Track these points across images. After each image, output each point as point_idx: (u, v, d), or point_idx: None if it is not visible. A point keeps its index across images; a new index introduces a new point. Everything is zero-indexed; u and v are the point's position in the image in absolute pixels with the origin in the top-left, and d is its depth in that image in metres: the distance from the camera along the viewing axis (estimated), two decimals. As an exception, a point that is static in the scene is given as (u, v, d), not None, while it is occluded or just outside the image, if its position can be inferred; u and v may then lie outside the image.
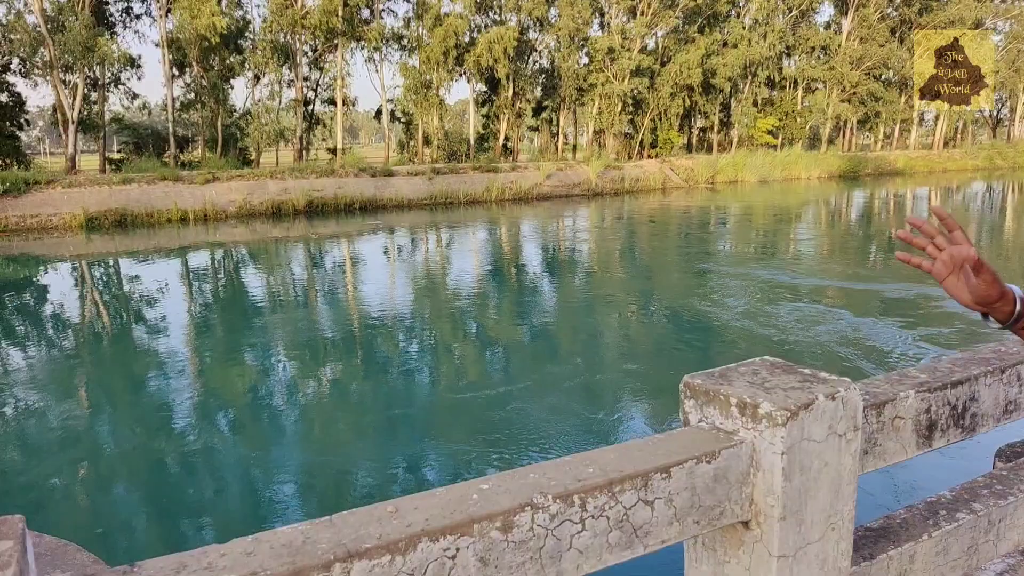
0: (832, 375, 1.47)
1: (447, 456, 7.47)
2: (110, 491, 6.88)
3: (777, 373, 1.51)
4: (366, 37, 41.25)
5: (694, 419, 1.47)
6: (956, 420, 1.75)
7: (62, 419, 8.45)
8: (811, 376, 1.49)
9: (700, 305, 13.54)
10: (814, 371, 1.50)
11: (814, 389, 1.41)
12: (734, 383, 1.46)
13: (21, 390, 9.48)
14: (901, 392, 1.63)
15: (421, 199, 33.64)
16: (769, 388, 1.43)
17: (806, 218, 29.88)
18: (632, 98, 47.57)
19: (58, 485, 6.88)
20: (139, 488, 6.94)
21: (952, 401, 1.74)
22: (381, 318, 13.30)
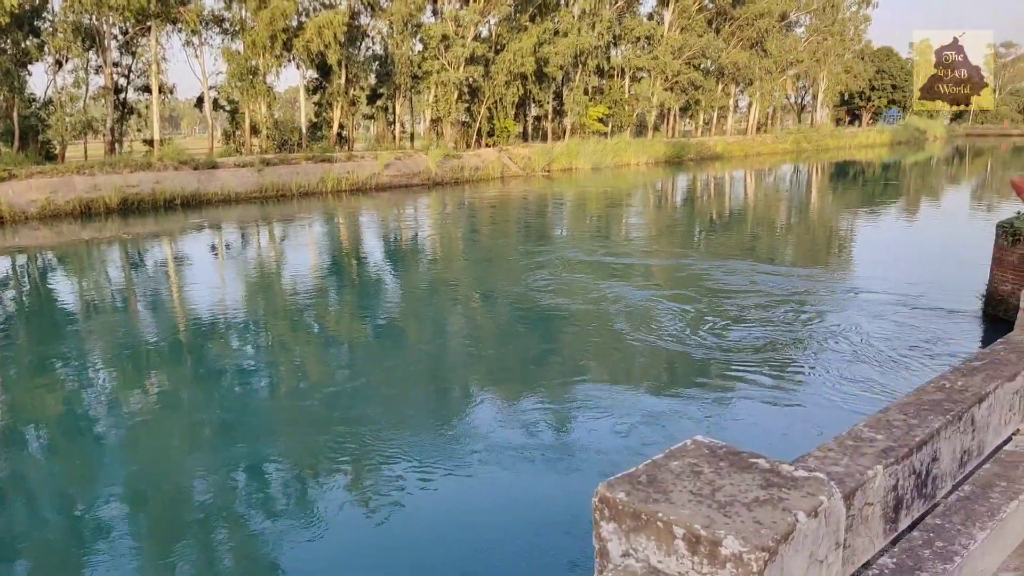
0: (799, 469, 1.10)
1: (287, 462, 6.86)
2: None
3: (725, 470, 1.12)
4: (183, 19, 38.29)
5: (616, 552, 1.03)
6: (920, 490, 1.45)
7: None
8: (772, 472, 1.11)
9: (537, 289, 13.48)
10: (771, 462, 1.12)
11: (788, 502, 1.02)
12: (672, 496, 1.04)
13: None
14: (868, 471, 1.29)
15: (250, 192, 31.70)
16: (725, 503, 1.03)
17: (636, 202, 30.87)
18: (468, 86, 47.30)
19: None
20: None
21: (917, 468, 1.44)
22: (210, 321, 12.22)
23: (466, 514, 6.08)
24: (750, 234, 21.64)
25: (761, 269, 15.17)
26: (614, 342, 10.48)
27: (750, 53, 62.14)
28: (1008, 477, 2.11)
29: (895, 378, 8.69)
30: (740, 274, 14.58)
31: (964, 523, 1.87)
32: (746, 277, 14.30)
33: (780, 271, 15.21)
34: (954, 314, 11.47)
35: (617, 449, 7.09)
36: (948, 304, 11.96)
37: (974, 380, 1.74)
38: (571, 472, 6.74)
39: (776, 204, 30.21)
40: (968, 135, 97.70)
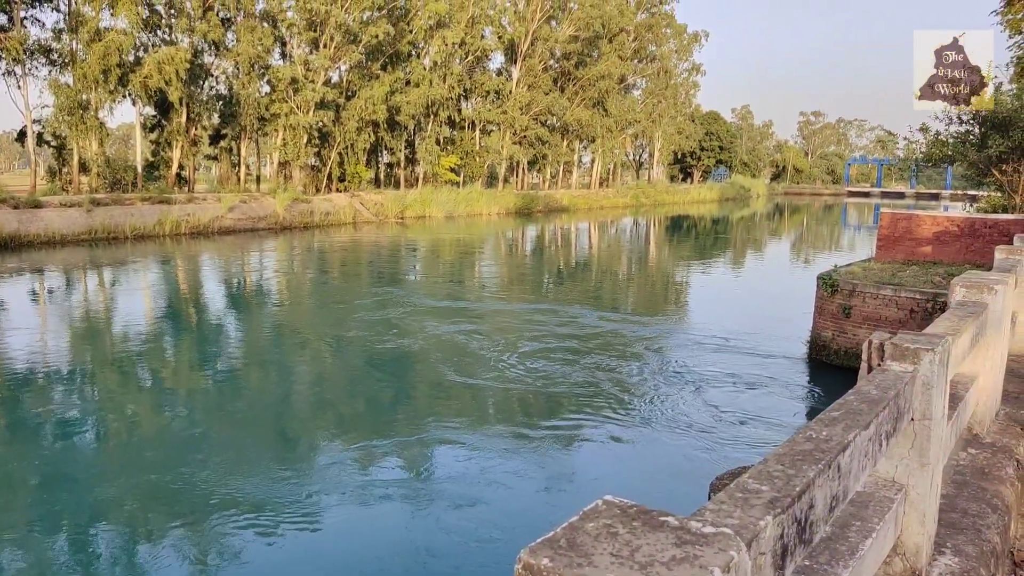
0: (706, 525, 1.16)
1: (113, 515, 6.33)
2: None
3: (640, 530, 1.16)
4: (3, 47, 35.48)
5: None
6: (801, 536, 1.55)
7: None
8: (683, 529, 1.16)
9: (384, 334, 13.33)
10: (680, 519, 1.18)
11: (703, 559, 1.07)
12: (595, 559, 1.07)
13: None
14: (760, 522, 1.37)
15: (78, 234, 29.46)
16: (645, 564, 1.07)
17: (488, 250, 31.41)
18: (318, 130, 46.69)
19: None
20: None
21: (798, 516, 1.54)
22: (27, 371, 11.13)
23: (309, 557, 5.84)
24: (595, 283, 22.52)
25: (605, 316, 15.81)
26: (458, 386, 10.54)
27: (592, 112, 65.40)
28: (861, 516, 2.30)
29: (736, 417, 9.25)
30: (585, 320, 15.12)
31: (829, 563, 2.03)
32: (590, 323, 14.84)
33: (622, 318, 15.91)
34: (782, 358, 12.42)
35: (461, 481, 7.09)
36: (776, 349, 12.94)
37: (836, 430, 1.90)
38: (417, 506, 6.70)
39: (619, 255, 31.67)
40: (786, 193, 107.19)
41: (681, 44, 76.26)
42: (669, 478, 7.55)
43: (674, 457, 8.08)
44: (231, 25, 44.35)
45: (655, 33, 72.66)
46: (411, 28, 50.95)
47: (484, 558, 6.13)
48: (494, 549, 6.25)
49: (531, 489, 7.48)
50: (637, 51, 72.38)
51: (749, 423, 9.11)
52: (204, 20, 41.59)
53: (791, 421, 9.16)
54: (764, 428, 8.94)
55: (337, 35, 45.24)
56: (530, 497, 7.32)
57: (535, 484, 7.57)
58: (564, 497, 7.25)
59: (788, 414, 9.54)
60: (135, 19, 37.98)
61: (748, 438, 8.62)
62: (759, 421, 9.18)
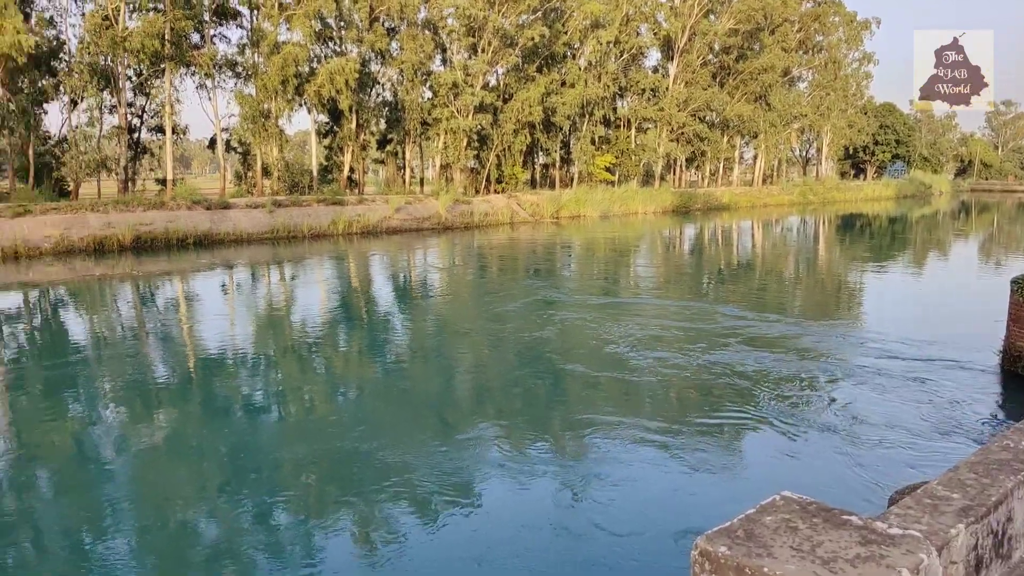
0: (892, 527, 1.13)
1: (296, 514, 6.82)
2: None
3: (821, 526, 1.15)
4: (197, 63, 39.06)
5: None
6: (998, 550, 1.47)
7: None
8: (867, 529, 1.14)
9: (541, 329, 13.48)
10: (864, 519, 1.15)
11: (890, 559, 1.05)
12: (774, 551, 1.07)
13: None
14: (951, 530, 1.32)
15: (262, 233, 31.96)
16: (827, 560, 1.06)
17: (644, 249, 31.03)
18: (477, 133, 47.92)
19: None
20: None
21: (994, 528, 1.46)
22: (221, 363, 12.24)
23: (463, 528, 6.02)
24: (757, 283, 21.70)
25: (768, 317, 15.20)
26: (612, 379, 10.48)
27: (754, 106, 63.00)
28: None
29: (916, 429, 8.64)
30: (746, 321, 14.60)
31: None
32: (752, 324, 14.32)
33: (787, 320, 15.22)
34: (970, 369, 11.44)
35: (616, 469, 7.06)
36: (964, 358, 11.93)
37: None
38: (572, 489, 6.71)
39: (783, 254, 30.34)
40: (973, 190, 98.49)
41: (851, 32, 71.80)
42: (839, 486, 7.17)
43: (845, 465, 7.66)
44: (395, 34, 46.40)
45: (822, 22, 68.90)
46: (566, 29, 51.18)
47: (639, 544, 6.11)
48: (649, 535, 6.22)
49: (687, 481, 7.36)
50: (802, 42, 69.00)
51: (930, 436, 8.47)
52: (371, 31, 43.76)
53: (979, 437, 8.44)
54: (947, 442, 8.28)
55: (495, 40, 46.22)
56: (685, 489, 7.21)
57: (691, 477, 7.44)
58: (722, 492, 7.09)
59: (975, 429, 8.79)
60: (309, 32, 40.58)
61: (929, 451, 8.02)
62: (942, 434, 8.52)
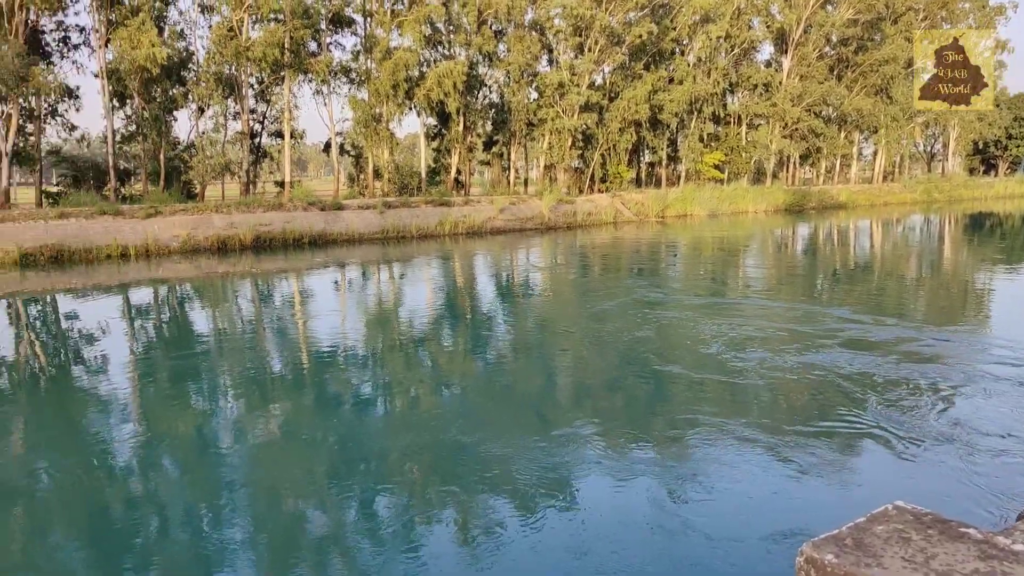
0: (1016, 542, 1.07)
1: (399, 502, 7.02)
2: (51, 534, 6.36)
3: (936, 538, 1.09)
4: (313, 70, 40.69)
5: (826, 614, 1.03)
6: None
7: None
8: (987, 544, 1.08)
9: (643, 329, 13.29)
10: (984, 533, 1.09)
11: (1014, 575, 0.99)
12: (884, 561, 1.03)
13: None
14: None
15: (373, 233, 32.99)
16: (943, 574, 1.01)
17: (754, 249, 30.13)
18: (582, 133, 47.82)
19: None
20: (83, 532, 6.52)
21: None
22: (332, 356, 12.70)
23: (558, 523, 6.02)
24: (876, 285, 20.69)
25: (886, 321, 14.43)
26: (715, 381, 10.21)
27: (874, 100, 60.12)
28: None
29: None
30: (862, 325, 13.93)
31: None
32: (869, 328, 13.65)
33: (907, 324, 14.40)
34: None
35: (716, 471, 6.87)
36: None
37: None
38: (670, 490, 6.59)
39: (905, 256, 28.81)
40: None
41: (982, 19, 67.41)
42: (956, 498, 6.75)
43: (963, 477, 7.20)
44: (503, 37, 46.88)
45: (949, 9, 64.95)
46: (674, 25, 50.34)
47: (737, 547, 5.94)
48: (748, 539, 6.04)
49: (790, 486, 7.09)
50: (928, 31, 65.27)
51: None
52: (479, 34, 44.39)
53: None
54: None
55: (601, 38, 45.98)
56: (788, 494, 6.95)
57: (795, 482, 7.16)
58: (828, 499, 6.79)
59: None
60: (419, 37, 41.56)
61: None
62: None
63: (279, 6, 36.88)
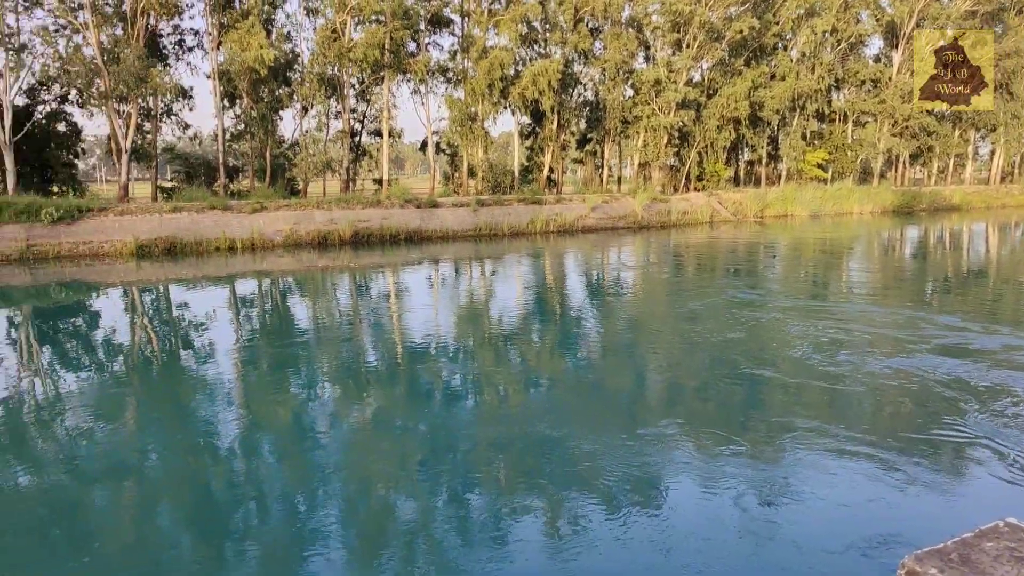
0: None
1: (487, 492, 7.09)
2: (157, 509, 6.75)
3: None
4: (412, 70, 41.52)
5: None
6: None
7: (106, 442, 8.22)
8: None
9: (736, 331, 12.93)
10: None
11: None
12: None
13: (72, 413, 9.30)
14: None
15: (466, 230, 33.43)
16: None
17: (858, 252, 28.91)
18: (678, 130, 47.06)
19: (105, 503, 6.68)
20: (186, 509, 6.87)
21: None
22: (424, 349, 12.94)
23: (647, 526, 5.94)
24: (991, 293, 19.48)
25: (1002, 331, 13.62)
26: (813, 387, 9.83)
27: (993, 96, 56.65)
28: None
29: None
30: (974, 334, 13.16)
31: None
32: (982, 337, 12.89)
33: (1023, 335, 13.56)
34: None
35: (812, 479, 6.61)
36: None
37: None
38: (760, 497, 6.39)
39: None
40: None
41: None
42: None
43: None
44: (599, 34, 46.61)
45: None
46: (777, 19, 48.86)
47: (829, 556, 5.71)
48: (841, 548, 5.80)
49: (889, 497, 6.73)
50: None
51: None
52: (575, 32, 44.27)
53: None
54: None
55: (700, 34, 45.11)
56: (886, 504, 6.62)
57: (893, 493, 6.80)
58: (929, 512, 6.44)
59: None
60: (515, 36, 41.79)
61: None
62: None
63: (380, 8, 37.80)
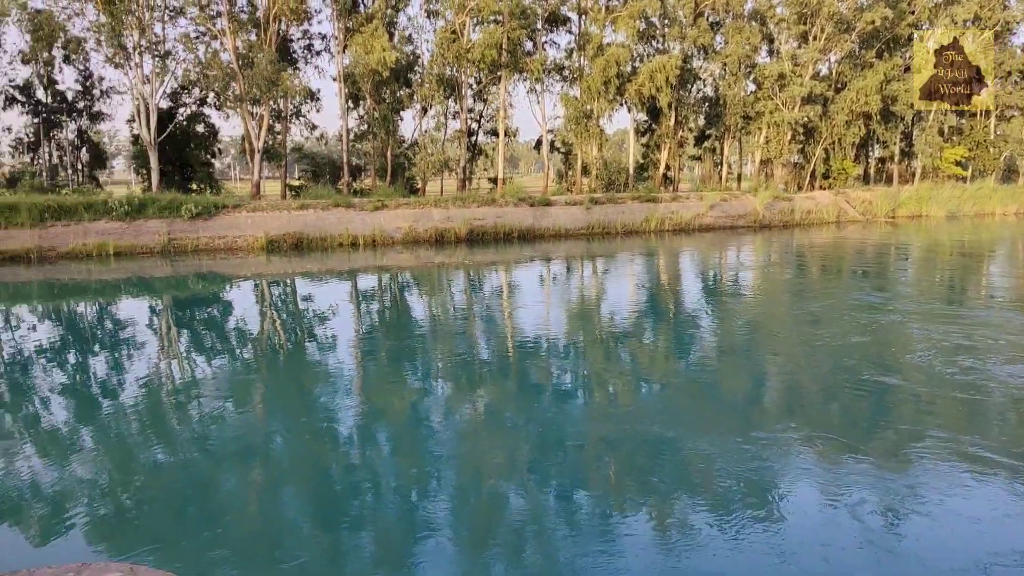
0: None
1: (596, 489, 7.08)
2: (279, 493, 7.13)
3: None
4: (528, 69, 41.83)
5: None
6: None
7: (235, 424, 8.76)
8: None
9: (863, 337, 12.29)
10: None
11: None
12: None
13: (206, 396, 9.96)
14: None
15: (578, 229, 33.41)
16: None
17: (1001, 256, 26.95)
18: (803, 126, 45.30)
19: (233, 482, 7.14)
20: (305, 489, 7.22)
21: None
22: (536, 345, 13.04)
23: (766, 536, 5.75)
24: None
25: None
26: (956, 405, 9.20)
27: None
28: None
29: None
30: None
31: None
32: None
33: None
34: None
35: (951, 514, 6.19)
36: None
37: None
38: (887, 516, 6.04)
39: None
40: None
41: None
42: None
43: None
44: (719, 28, 45.48)
45: None
46: (912, 9, 46.19)
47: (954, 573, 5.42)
48: (968, 566, 5.48)
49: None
50: None
51: None
52: (695, 26, 43.38)
53: None
54: None
55: (828, 25, 43.25)
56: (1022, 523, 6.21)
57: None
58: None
59: None
60: (633, 32, 41.37)
61: None
62: None
63: (498, 8, 38.29)
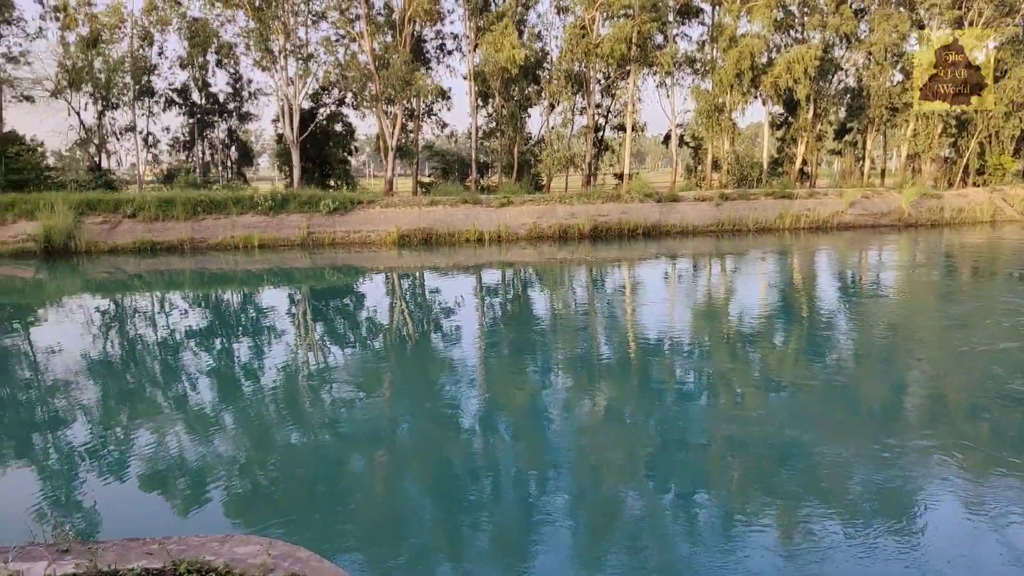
0: None
1: (719, 491, 6.87)
2: (402, 476, 7.29)
3: None
4: (658, 62, 41.11)
5: None
6: None
7: (364, 409, 9.11)
8: None
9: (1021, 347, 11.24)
10: None
11: None
12: None
13: (338, 382, 10.44)
14: None
15: (707, 226, 32.53)
16: None
17: None
18: (955, 118, 42.20)
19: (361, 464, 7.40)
20: (427, 475, 7.40)
21: None
22: (658, 344, 12.81)
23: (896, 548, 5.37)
24: None
25: None
26: None
27: None
28: None
29: None
30: None
31: None
32: None
33: None
34: None
35: None
36: None
37: None
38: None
39: None
40: None
41: None
42: None
43: None
44: (864, 15, 43.08)
45: None
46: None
47: None
48: None
49: None
50: None
51: None
52: (837, 14, 41.27)
53: None
54: None
55: (987, 9, 40.06)
56: None
57: None
58: None
59: None
60: (769, 22, 39.82)
61: None
62: None
63: (629, 1, 37.82)
